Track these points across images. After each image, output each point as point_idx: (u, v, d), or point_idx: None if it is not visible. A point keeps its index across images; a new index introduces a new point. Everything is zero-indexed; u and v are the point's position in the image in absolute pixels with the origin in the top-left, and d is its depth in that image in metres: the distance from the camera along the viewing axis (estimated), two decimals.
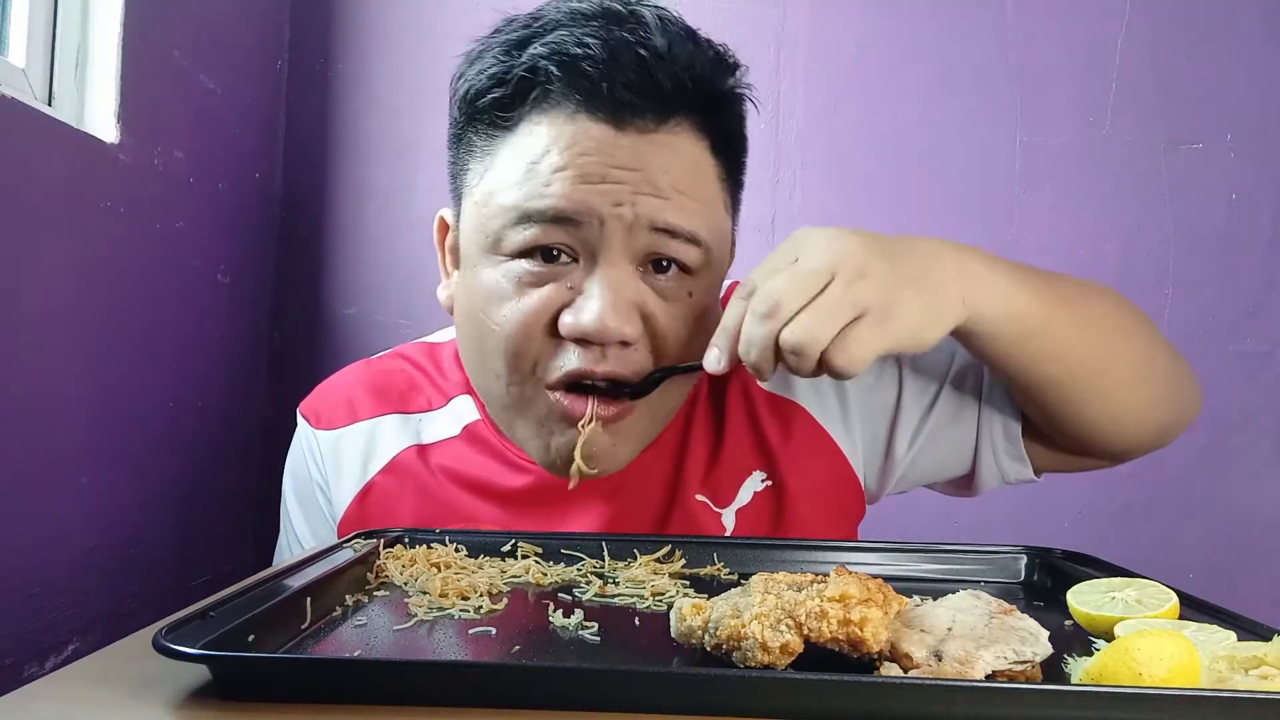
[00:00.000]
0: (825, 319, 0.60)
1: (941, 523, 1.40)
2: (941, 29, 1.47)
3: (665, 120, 0.73)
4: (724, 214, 0.79)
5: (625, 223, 0.71)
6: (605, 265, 0.72)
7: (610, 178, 0.71)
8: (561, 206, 0.71)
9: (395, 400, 0.91)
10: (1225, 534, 1.39)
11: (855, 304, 0.60)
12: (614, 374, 0.73)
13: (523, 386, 0.76)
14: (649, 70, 0.71)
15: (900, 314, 0.62)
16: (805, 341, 0.60)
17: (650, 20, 0.74)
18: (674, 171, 0.73)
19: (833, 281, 0.61)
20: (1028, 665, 0.47)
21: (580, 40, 0.72)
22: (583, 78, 0.71)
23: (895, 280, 0.62)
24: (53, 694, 0.46)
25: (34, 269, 0.97)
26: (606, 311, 0.71)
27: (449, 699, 0.43)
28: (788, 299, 0.61)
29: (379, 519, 0.86)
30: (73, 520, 1.05)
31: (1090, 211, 1.43)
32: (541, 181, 0.72)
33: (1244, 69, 1.40)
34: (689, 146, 0.75)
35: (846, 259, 0.61)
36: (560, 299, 0.73)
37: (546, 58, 0.72)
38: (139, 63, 1.14)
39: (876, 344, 0.61)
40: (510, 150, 0.74)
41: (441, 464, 0.87)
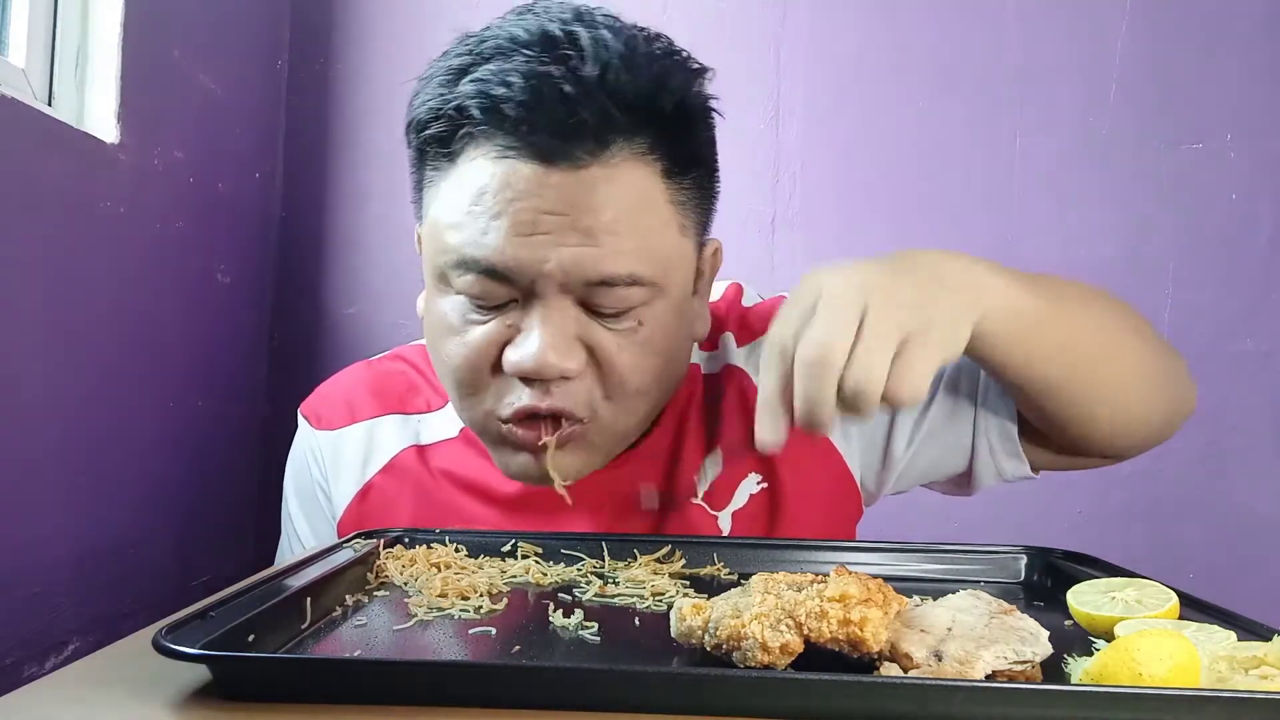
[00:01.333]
0: (878, 352, 0.57)
1: (941, 523, 1.40)
2: (941, 29, 1.47)
3: (600, 152, 0.70)
4: (675, 237, 0.75)
5: (554, 279, 0.71)
6: (542, 305, 0.72)
7: (540, 226, 0.70)
8: (494, 261, 0.71)
9: (395, 401, 0.92)
10: (1225, 534, 1.39)
11: (899, 328, 0.58)
12: (558, 409, 0.74)
13: (474, 413, 0.78)
14: (573, 107, 0.68)
15: (938, 326, 0.60)
16: (865, 380, 0.57)
17: (585, 44, 0.70)
18: (608, 209, 0.70)
19: (867, 313, 0.58)
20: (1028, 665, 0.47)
21: (504, 79, 0.69)
22: (504, 121, 0.70)
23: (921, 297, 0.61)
24: (53, 694, 0.46)
25: (34, 269, 0.97)
26: (546, 349, 0.71)
27: (449, 699, 0.43)
28: (836, 341, 0.57)
29: (378, 519, 0.87)
30: (72, 520, 1.05)
31: (1090, 211, 1.43)
32: (479, 229, 0.71)
33: (1244, 69, 1.40)
34: (628, 176, 0.72)
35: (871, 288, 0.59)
36: (503, 336, 0.73)
37: (472, 97, 0.71)
38: (139, 63, 1.14)
39: (929, 363, 0.59)
40: (451, 185, 0.74)
41: (440, 465, 0.88)
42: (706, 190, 0.79)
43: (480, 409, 0.77)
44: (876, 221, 1.47)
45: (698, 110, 0.77)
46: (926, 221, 1.46)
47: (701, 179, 0.78)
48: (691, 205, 0.77)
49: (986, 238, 1.44)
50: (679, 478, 0.85)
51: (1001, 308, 0.67)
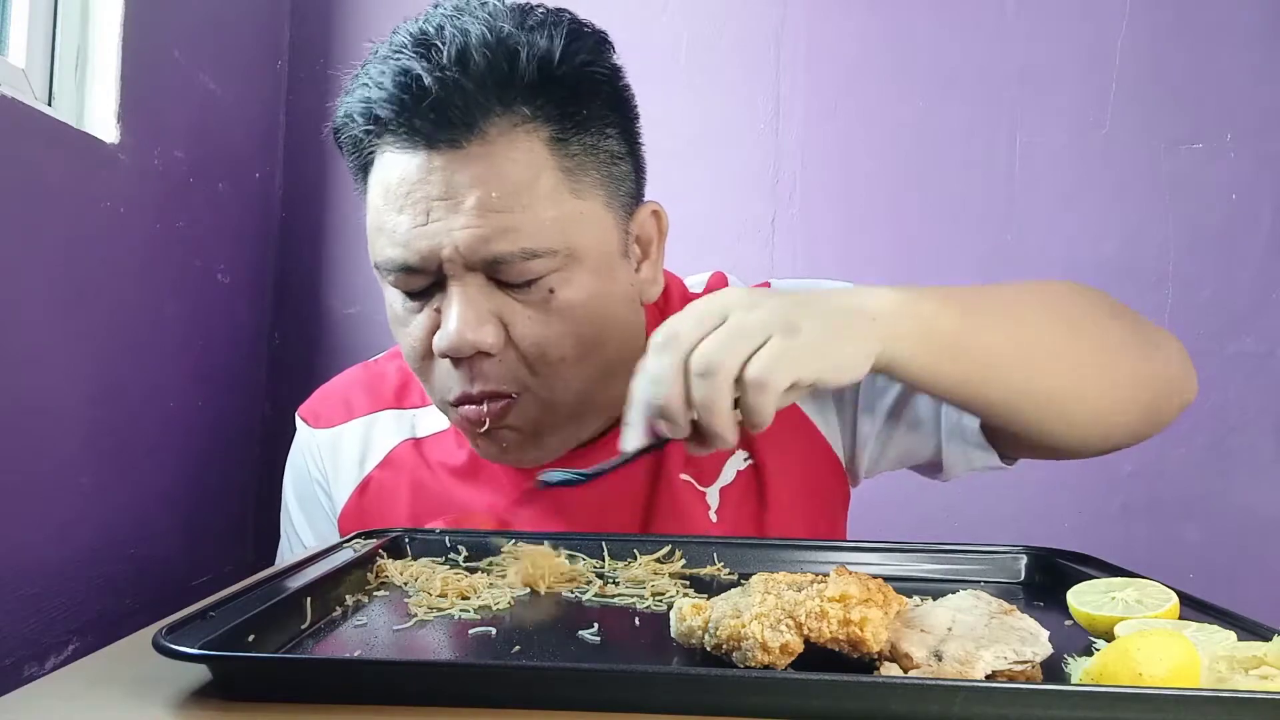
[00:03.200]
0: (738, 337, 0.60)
1: (941, 523, 1.40)
2: (941, 29, 1.47)
3: (474, 132, 0.73)
4: (570, 201, 0.76)
5: (457, 261, 0.74)
6: (455, 287, 0.75)
7: (433, 213, 0.74)
8: (405, 259, 0.75)
9: (389, 397, 0.94)
10: (1225, 534, 1.39)
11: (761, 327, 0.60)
12: (489, 391, 0.77)
13: (436, 401, 0.83)
14: (435, 94, 0.72)
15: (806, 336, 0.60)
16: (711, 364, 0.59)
17: (447, 35, 0.74)
18: (491, 184, 0.73)
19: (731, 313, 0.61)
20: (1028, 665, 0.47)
21: (377, 81, 0.75)
22: (379, 120, 0.75)
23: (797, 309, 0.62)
24: (53, 694, 0.46)
25: (34, 269, 0.97)
26: (459, 326, 0.74)
27: (449, 699, 0.43)
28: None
29: (377, 512, 0.89)
30: (73, 520, 1.05)
31: (1090, 211, 1.43)
32: (388, 230, 0.76)
33: (1244, 69, 1.40)
34: (508, 149, 0.74)
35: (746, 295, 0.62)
36: (433, 323, 0.77)
37: (352, 109, 0.77)
38: (139, 63, 1.14)
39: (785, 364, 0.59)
40: (370, 188, 0.79)
41: (436, 456, 0.90)
42: (615, 153, 0.80)
43: (437, 396, 0.81)
44: (876, 221, 1.47)
45: (575, 76, 0.76)
46: (926, 222, 1.46)
47: (600, 141, 0.78)
48: (592, 167, 0.78)
49: (986, 237, 1.44)
50: (667, 455, 0.85)
51: (906, 335, 0.65)
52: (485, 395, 0.77)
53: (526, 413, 0.79)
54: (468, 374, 0.77)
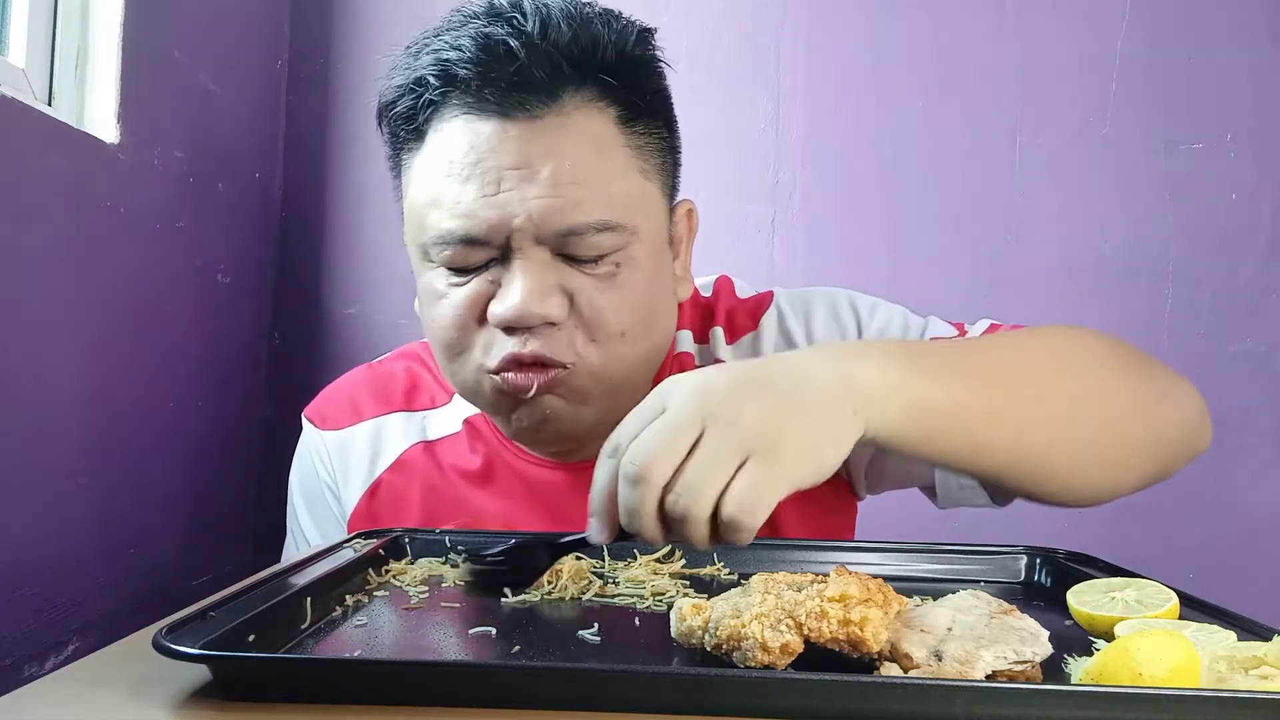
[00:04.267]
0: (706, 476, 0.52)
1: (941, 523, 1.39)
2: (941, 29, 1.47)
3: (553, 101, 0.73)
4: (637, 179, 0.78)
5: (527, 232, 0.73)
6: (520, 257, 0.74)
7: (505, 183, 0.73)
8: (468, 229, 0.74)
9: (399, 400, 0.93)
10: (1225, 534, 1.39)
11: (736, 452, 0.53)
12: (539, 355, 0.75)
13: (464, 374, 0.80)
14: (521, 58, 0.72)
15: (789, 448, 0.54)
16: (687, 507, 0.52)
17: (527, 7, 0.74)
18: (566, 155, 0.73)
19: (705, 434, 0.53)
20: (1028, 665, 0.47)
21: (455, 44, 0.74)
22: (459, 81, 0.74)
23: (773, 414, 0.54)
24: (53, 694, 0.46)
25: (34, 269, 0.97)
26: (527, 297, 0.73)
27: (449, 699, 0.43)
28: (658, 457, 0.53)
29: (389, 515, 0.89)
30: (73, 520, 1.04)
31: (1090, 211, 1.43)
32: (451, 200, 0.74)
33: (1244, 69, 1.40)
34: (585, 123, 0.75)
35: (714, 407, 0.54)
36: (486, 292, 0.76)
37: (428, 67, 0.75)
38: (139, 63, 1.14)
39: (771, 488, 0.53)
40: (422, 162, 0.78)
41: (447, 459, 0.90)
42: (666, 143, 0.82)
43: (469, 366, 0.79)
44: (876, 221, 1.47)
45: (643, 62, 0.79)
46: (926, 222, 1.46)
47: (658, 130, 0.81)
48: (651, 151, 0.80)
49: (986, 238, 1.44)
50: None
51: (894, 411, 0.59)
52: (536, 359, 0.75)
53: (576, 382, 0.77)
54: (524, 339, 0.75)
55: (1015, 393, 0.66)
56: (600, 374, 0.78)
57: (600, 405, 0.80)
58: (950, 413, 0.62)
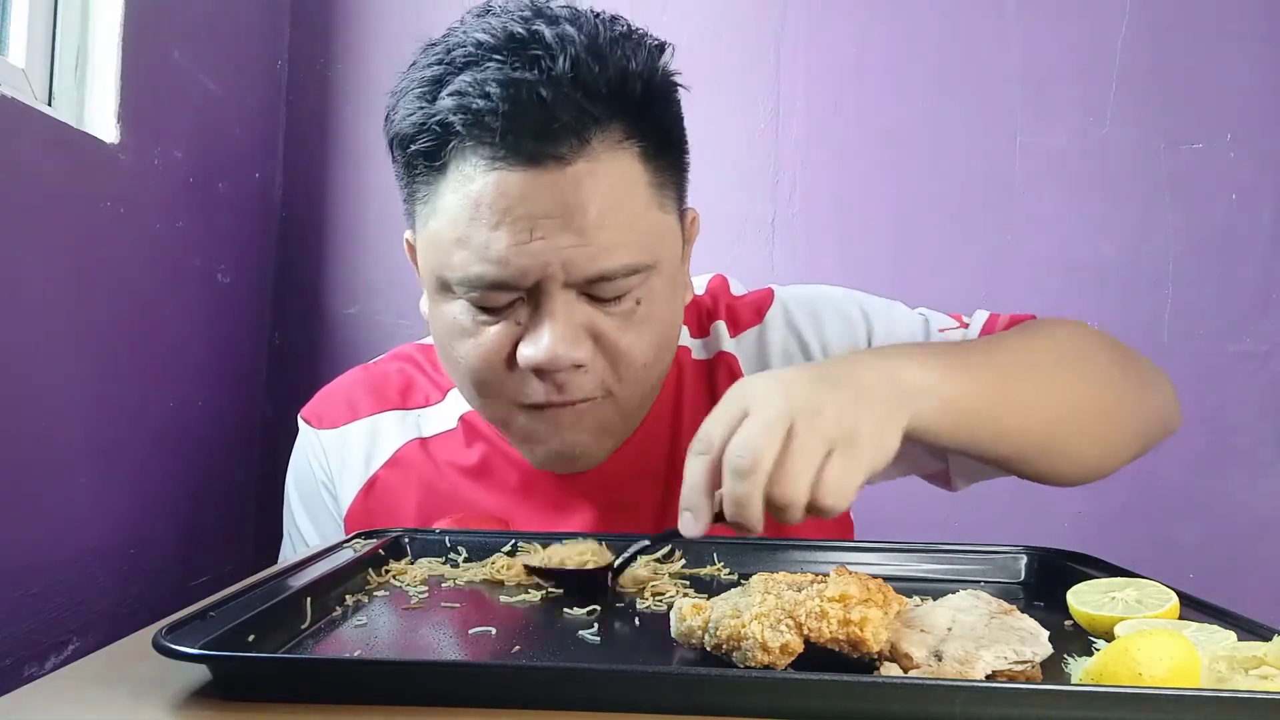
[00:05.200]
0: (804, 464, 0.57)
1: (941, 523, 1.40)
2: (941, 29, 1.47)
3: (582, 148, 0.72)
4: (658, 215, 0.78)
5: (558, 280, 0.73)
6: (548, 301, 0.74)
7: (537, 231, 0.72)
8: (499, 275, 0.73)
9: (394, 398, 0.94)
10: (1225, 534, 1.39)
11: (823, 442, 0.58)
12: (574, 399, 0.77)
13: (495, 409, 0.81)
14: (552, 110, 0.71)
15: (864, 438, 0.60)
16: (792, 492, 0.57)
17: (552, 42, 0.72)
18: (597, 202, 0.73)
19: (795, 425, 0.58)
20: (1028, 665, 0.47)
21: (483, 90, 0.71)
22: (489, 131, 0.71)
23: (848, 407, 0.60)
24: (53, 694, 0.46)
25: (34, 269, 0.97)
26: (556, 343, 0.73)
27: (449, 699, 0.43)
28: (764, 452, 0.57)
29: (385, 511, 0.90)
30: (73, 520, 1.04)
31: (1090, 211, 1.43)
32: (481, 244, 0.73)
33: (1244, 69, 1.40)
34: (612, 165, 0.74)
35: (799, 402, 0.59)
36: (514, 335, 0.76)
37: (455, 112, 0.72)
38: (139, 63, 1.14)
39: (855, 475, 0.59)
40: (447, 195, 0.75)
41: (443, 456, 0.91)
42: (681, 165, 0.83)
43: (501, 404, 0.79)
44: (876, 221, 1.47)
45: (665, 89, 0.79)
46: (926, 221, 1.46)
47: (676, 156, 0.81)
48: (670, 183, 0.80)
49: (986, 238, 1.44)
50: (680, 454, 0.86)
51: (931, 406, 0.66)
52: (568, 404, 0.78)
53: (602, 415, 0.80)
54: (556, 384, 0.76)
55: (1031, 386, 0.74)
56: (625, 404, 0.81)
57: (621, 433, 0.83)
58: (978, 406, 0.69)
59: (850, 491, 0.59)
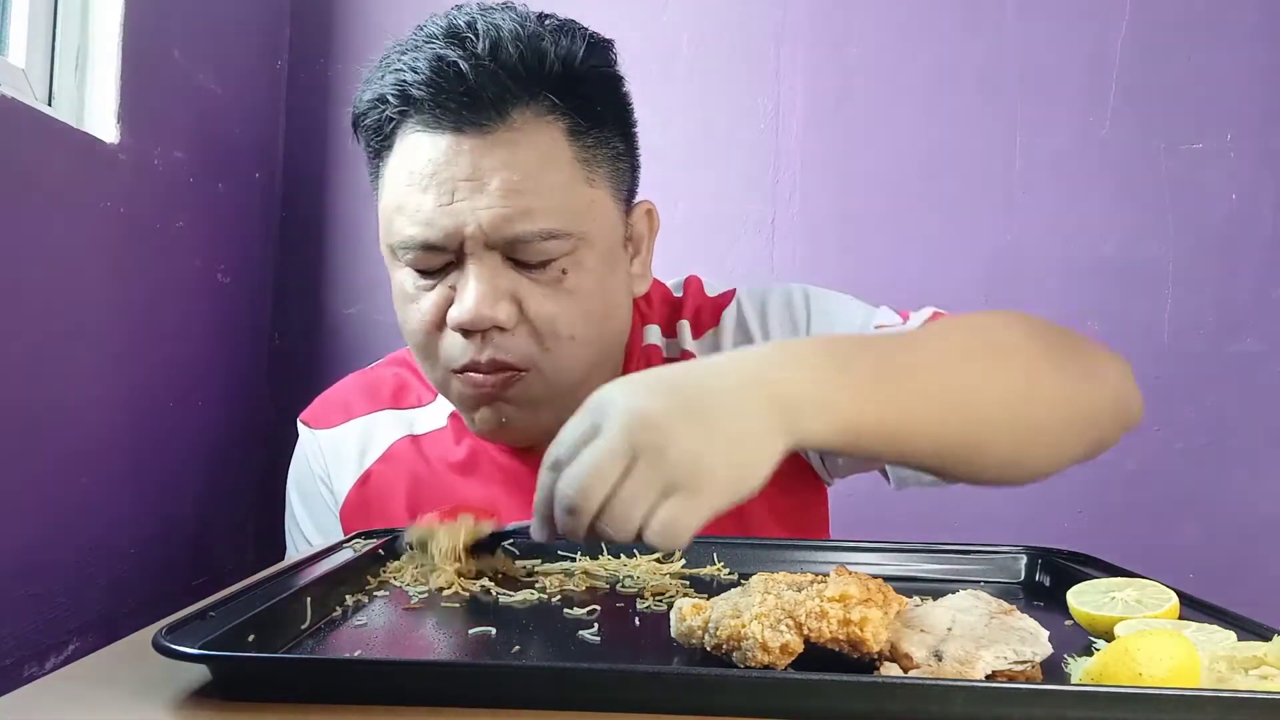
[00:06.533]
0: (632, 509, 0.55)
1: (941, 523, 1.40)
2: (941, 29, 1.47)
3: (502, 118, 0.78)
4: (583, 188, 0.82)
5: (479, 239, 0.79)
6: (473, 264, 0.80)
7: (458, 194, 0.78)
8: (427, 236, 0.79)
9: (387, 399, 1.00)
10: (1225, 534, 1.38)
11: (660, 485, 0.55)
12: (496, 360, 0.81)
13: (436, 375, 0.86)
14: (470, 79, 0.78)
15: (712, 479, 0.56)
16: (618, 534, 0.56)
17: (480, 29, 0.79)
18: (515, 168, 0.78)
19: (635, 463, 0.55)
20: (1028, 665, 0.47)
21: (413, 65, 0.80)
22: (414, 100, 0.80)
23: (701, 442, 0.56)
24: (53, 694, 0.46)
25: (33, 269, 0.97)
26: (478, 302, 0.78)
27: (449, 699, 0.43)
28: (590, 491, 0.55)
29: (378, 503, 0.94)
30: (73, 520, 1.05)
31: (1090, 211, 1.43)
32: (413, 207, 0.80)
33: (1244, 69, 1.40)
34: (533, 137, 0.79)
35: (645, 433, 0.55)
36: (446, 298, 0.82)
37: (388, 87, 0.81)
38: (139, 63, 1.14)
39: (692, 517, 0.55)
40: (390, 170, 0.83)
41: (433, 452, 0.95)
42: (619, 150, 0.86)
43: (439, 369, 0.85)
44: (876, 221, 1.47)
45: (594, 76, 0.83)
46: (926, 222, 1.46)
47: (610, 138, 0.84)
48: (601, 160, 0.84)
49: (986, 238, 1.44)
50: None
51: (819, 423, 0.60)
52: (494, 365, 0.81)
53: (530, 389, 0.83)
54: (479, 344, 0.81)
55: (945, 392, 0.66)
56: (552, 379, 0.83)
57: (555, 409, 0.80)
58: (875, 423, 0.62)
59: (684, 535, 0.55)
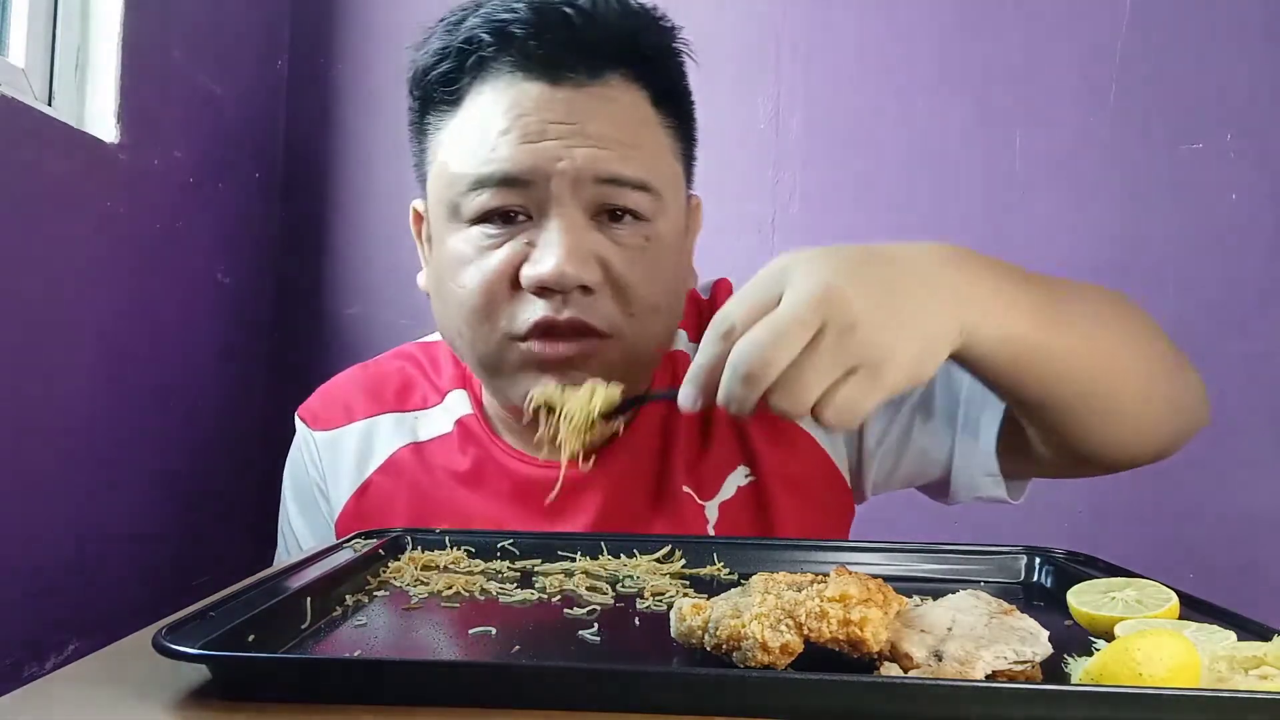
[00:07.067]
0: (815, 382, 0.54)
1: (941, 523, 1.40)
2: (941, 29, 1.47)
3: (598, 74, 0.76)
4: (672, 161, 0.81)
5: (570, 177, 0.74)
6: (557, 217, 0.74)
7: (549, 134, 0.74)
8: (508, 169, 0.74)
9: (391, 400, 0.93)
10: (1225, 534, 1.39)
11: (846, 362, 0.55)
12: (577, 320, 0.74)
13: (489, 343, 0.77)
14: (575, 27, 0.75)
15: (894, 364, 0.56)
16: (793, 408, 0.55)
17: None
18: (612, 120, 0.75)
19: (821, 335, 0.54)
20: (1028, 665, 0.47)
21: (509, 7, 0.76)
22: (513, 39, 0.75)
23: (889, 325, 0.56)
24: (53, 694, 0.46)
25: (34, 269, 0.97)
26: (563, 259, 0.72)
27: (449, 699, 0.43)
28: (771, 360, 0.54)
29: (377, 516, 0.88)
30: (73, 520, 1.05)
31: (1090, 211, 1.43)
32: (488, 147, 0.74)
33: (1244, 69, 1.40)
34: (626, 97, 0.77)
35: (835, 307, 0.54)
36: (519, 255, 0.75)
37: (479, 27, 0.76)
38: (139, 63, 1.14)
39: (870, 400, 0.56)
40: (459, 122, 0.78)
41: (437, 461, 0.89)
42: (687, 133, 0.84)
43: (496, 334, 0.77)
44: (876, 221, 1.47)
45: (675, 51, 0.83)
46: (926, 222, 1.46)
47: (683, 119, 0.83)
48: (679, 138, 0.82)
49: (987, 238, 1.44)
50: (670, 466, 0.85)
51: (991, 335, 0.62)
52: (574, 326, 0.74)
53: (608, 357, 0.77)
54: (558, 304, 0.74)
55: (1090, 336, 0.70)
56: (632, 349, 0.78)
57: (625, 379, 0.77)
58: (1039, 346, 0.65)
59: (860, 415, 0.56)
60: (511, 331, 0.76)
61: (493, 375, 0.80)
